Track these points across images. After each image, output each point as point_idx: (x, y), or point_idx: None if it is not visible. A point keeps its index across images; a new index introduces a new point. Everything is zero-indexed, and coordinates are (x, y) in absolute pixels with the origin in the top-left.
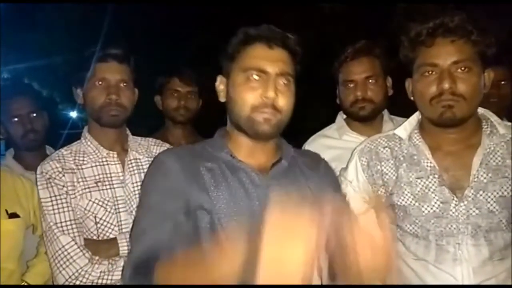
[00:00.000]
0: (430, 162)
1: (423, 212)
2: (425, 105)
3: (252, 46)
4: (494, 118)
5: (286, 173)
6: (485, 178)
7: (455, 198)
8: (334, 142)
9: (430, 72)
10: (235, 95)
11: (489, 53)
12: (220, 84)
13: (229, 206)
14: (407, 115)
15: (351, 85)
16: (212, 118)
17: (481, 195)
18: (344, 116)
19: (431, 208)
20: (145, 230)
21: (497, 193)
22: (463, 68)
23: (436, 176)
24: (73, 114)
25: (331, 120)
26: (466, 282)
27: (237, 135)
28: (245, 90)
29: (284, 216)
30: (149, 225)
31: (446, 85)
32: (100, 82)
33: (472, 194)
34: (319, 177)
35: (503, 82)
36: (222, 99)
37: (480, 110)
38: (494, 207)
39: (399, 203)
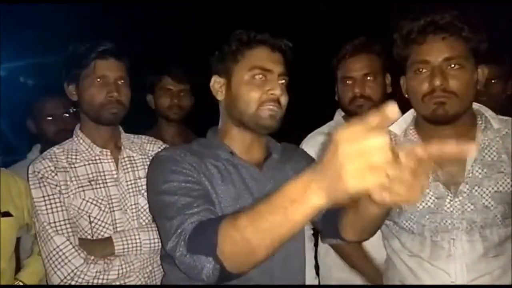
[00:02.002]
0: None
1: (418, 207)
2: (418, 102)
3: (256, 49)
4: (489, 113)
5: (277, 165)
6: (480, 173)
7: (450, 194)
8: None
9: (421, 70)
10: (240, 93)
11: (481, 50)
12: (215, 84)
13: (235, 200)
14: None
15: (350, 82)
16: (205, 116)
17: (476, 190)
18: (342, 114)
19: (426, 204)
20: (188, 205)
21: (492, 188)
22: (454, 65)
23: (430, 172)
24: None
25: (328, 117)
26: (459, 279)
27: (235, 132)
28: (252, 87)
29: None
30: (190, 202)
31: (437, 82)
32: (99, 80)
33: (467, 189)
34: (299, 163)
35: (493, 81)
36: (219, 97)
37: (475, 105)
38: (489, 203)
39: None
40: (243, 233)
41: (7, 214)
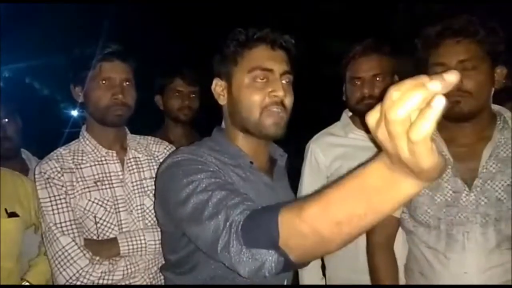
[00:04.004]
0: (446, 154)
1: (436, 200)
2: None
3: (255, 48)
4: (507, 114)
5: (282, 172)
6: (494, 168)
7: (466, 188)
8: (340, 140)
9: (439, 71)
10: (242, 97)
11: (498, 51)
12: (217, 87)
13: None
14: None
15: (358, 82)
16: (209, 117)
17: (488, 184)
18: (350, 114)
19: (443, 197)
20: (226, 197)
21: (505, 182)
22: (469, 66)
23: (450, 167)
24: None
25: (336, 117)
26: (471, 270)
27: (240, 137)
28: (253, 91)
29: None
30: (227, 194)
31: None
32: (104, 81)
33: (481, 184)
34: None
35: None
36: (222, 102)
37: (496, 107)
38: (502, 196)
39: None
40: (313, 225)
41: (13, 214)
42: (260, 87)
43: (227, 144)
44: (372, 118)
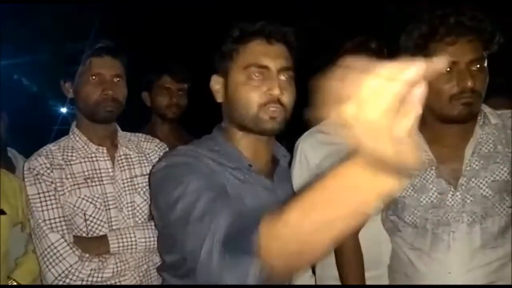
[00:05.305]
0: (428, 155)
1: (421, 202)
2: (443, 102)
3: (250, 43)
4: (487, 109)
5: (284, 174)
6: (477, 165)
7: (452, 189)
8: (330, 138)
9: (447, 70)
10: (238, 95)
11: (492, 49)
12: (215, 84)
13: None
14: None
15: None
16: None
17: (473, 182)
18: None
19: (429, 199)
20: (214, 199)
21: (489, 179)
22: (478, 66)
23: (434, 168)
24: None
25: None
26: (455, 270)
27: (240, 136)
28: (249, 89)
29: None
30: (215, 196)
31: (468, 84)
32: (94, 77)
33: (465, 182)
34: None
35: None
36: (219, 99)
37: None
38: (487, 192)
39: (399, 195)
40: (295, 230)
41: (1, 212)
42: (256, 85)
43: (226, 144)
44: (348, 111)
